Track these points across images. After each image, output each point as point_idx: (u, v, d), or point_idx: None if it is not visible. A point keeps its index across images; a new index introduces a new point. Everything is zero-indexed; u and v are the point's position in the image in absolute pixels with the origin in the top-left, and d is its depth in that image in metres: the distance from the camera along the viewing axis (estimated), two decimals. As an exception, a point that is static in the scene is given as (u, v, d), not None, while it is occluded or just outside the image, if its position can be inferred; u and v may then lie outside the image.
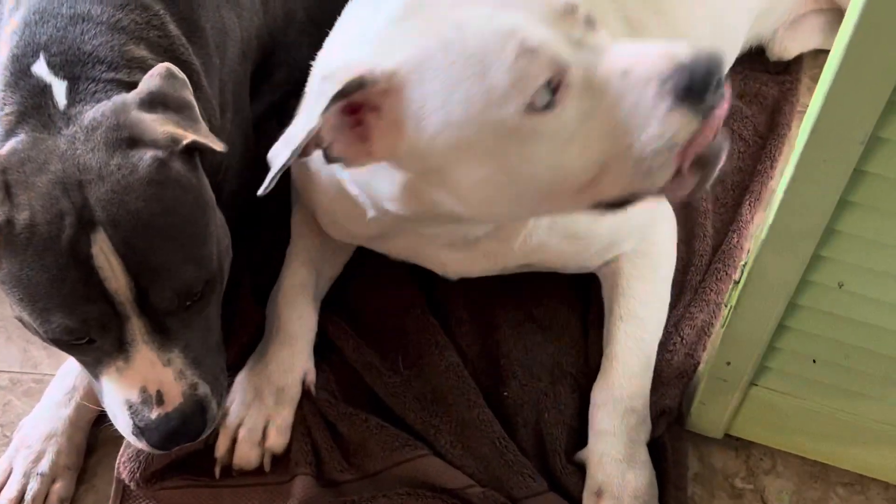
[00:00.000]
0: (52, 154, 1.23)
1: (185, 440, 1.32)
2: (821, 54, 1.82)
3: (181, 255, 1.25)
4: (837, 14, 1.80)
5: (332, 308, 1.59)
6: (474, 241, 1.40)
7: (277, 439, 1.46)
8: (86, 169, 1.22)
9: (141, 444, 1.32)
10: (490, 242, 1.40)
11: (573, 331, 1.59)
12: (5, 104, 1.30)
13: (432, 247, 1.43)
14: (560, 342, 1.57)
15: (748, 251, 1.44)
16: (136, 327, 1.25)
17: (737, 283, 1.28)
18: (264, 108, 1.61)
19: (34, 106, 1.28)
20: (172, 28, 1.39)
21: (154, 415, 1.28)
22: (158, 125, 1.25)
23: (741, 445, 1.52)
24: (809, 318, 1.25)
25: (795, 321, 1.26)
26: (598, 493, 1.39)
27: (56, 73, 1.30)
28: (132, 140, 1.24)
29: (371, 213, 1.29)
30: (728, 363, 1.36)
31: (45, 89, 1.29)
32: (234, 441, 1.46)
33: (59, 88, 1.29)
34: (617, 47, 1.11)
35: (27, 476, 1.46)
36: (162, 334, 1.27)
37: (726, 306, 1.33)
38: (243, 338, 1.56)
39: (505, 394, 1.52)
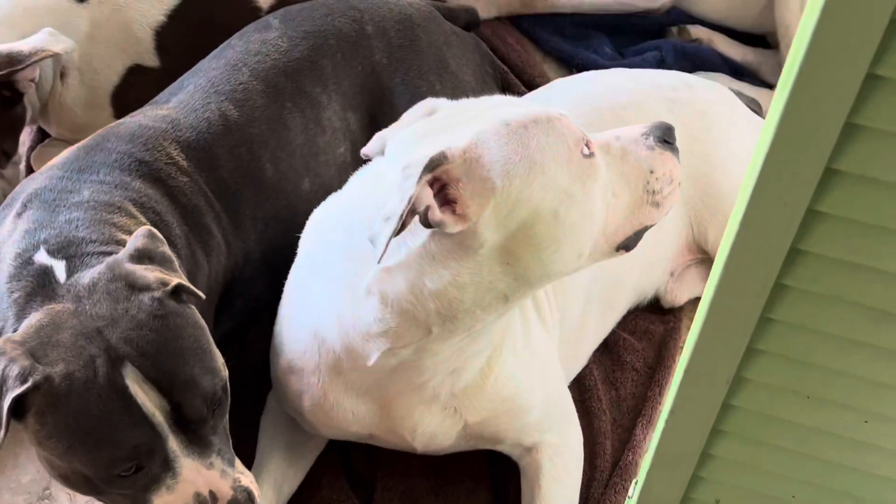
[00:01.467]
0: (63, 315, 1.31)
1: None
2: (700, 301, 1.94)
3: (199, 368, 1.33)
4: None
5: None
6: (453, 392, 1.46)
7: None
8: (99, 317, 1.30)
9: None
10: (466, 391, 1.47)
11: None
12: (12, 291, 1.38)
13: (410, 404, 1.47)
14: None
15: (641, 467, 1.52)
16: (176, 443, 1.31)
17: (630, 498, 1.36)
18: (222, 335, 1.70)
19: (39, 285, 1.37)
20: None
21: None
22: (149, 273, 1.35)
23: None
24: (692, 529, 1.32)
25: (680, 532, 1.33)
26: None
27: (54, 256, 1.40)
28: (129, 287, 1.33)
29: (375, 357, 1.36)
30: (624, 569, 1.42)
31: (47, 271, 1.38)
32: None
33: (59, 267, 1.39)
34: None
35: None
36: (198, 444, 1.33)
37: (622, 518, 1.40)
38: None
39: None
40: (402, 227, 1.20)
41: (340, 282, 1.38)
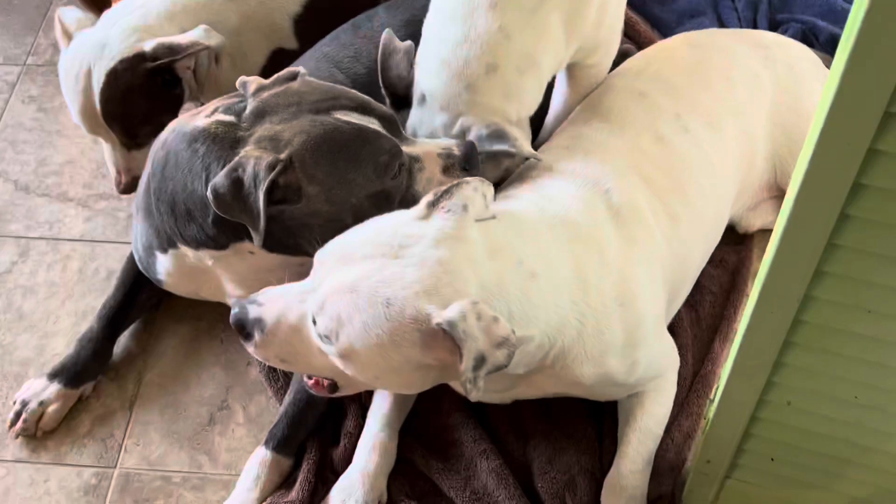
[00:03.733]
0: (267, 111, 1.47)
1: None
2: (768, 232, 1.87)
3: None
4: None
5: (404, 428, 1.64)
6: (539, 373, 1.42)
7: None
8: (288, 103, 1.46)
9: None
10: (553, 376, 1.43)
11: (590, 438, 1.64)
12: (206, 148, 1.45)
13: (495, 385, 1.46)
14: (580, 446, 1.62)
15: (719, 376, 1.51)
16: (399, 141, 1.48)
17: (711, 400, 1.35)
18: None
19: (223, 129, 1.46)
20: None
21: None
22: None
23: (720, 525, 1.56)
24: (767, 427, 1.30)
25: (756, 429, 1.31)
26: None
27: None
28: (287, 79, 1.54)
29: None
30: (708, 461, 1.41)
31: (222, 123, 1.47)
32: None
33: (227, 117, 1.48)
34: None
35: None
36: (406, 138, 1.53)
37: (705, 418, 1.39)
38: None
39: (539, 486, 1.58)
40: None
41: None
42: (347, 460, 1.60)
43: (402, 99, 1.59)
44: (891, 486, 1.33)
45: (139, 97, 1.82)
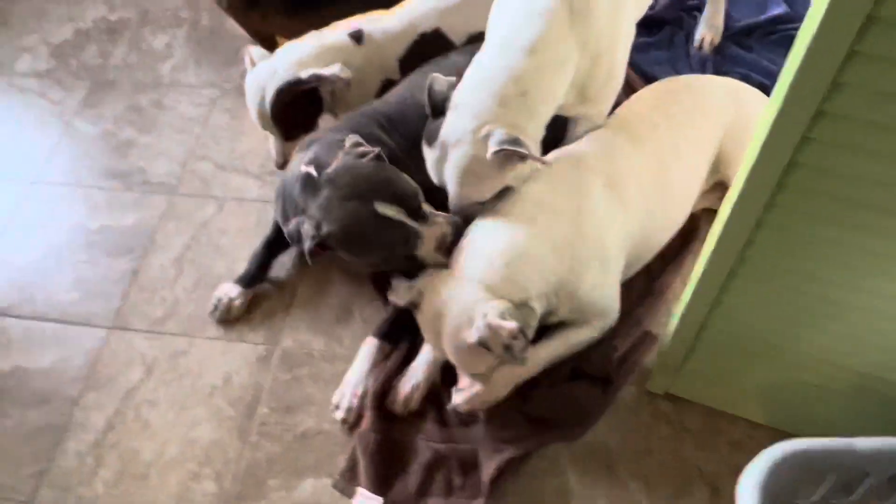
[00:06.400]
0: (328, 190, 1.42)
1: None
2: (712, 211, 1.79)
3: (404, 184, 1.45)
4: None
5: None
6: None
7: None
8: (347, 185, 1.41)
9: None
10: None
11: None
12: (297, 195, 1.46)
13: None
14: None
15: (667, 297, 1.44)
16: (416, 224, 1.42)
17: (675, 315, 1.26)
18: None
19: (307, 185, 1.43)
20: None
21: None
22: (354, 149, 1.47)
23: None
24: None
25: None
26: None
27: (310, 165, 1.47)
28: (357, 157, 1.46)
29: None
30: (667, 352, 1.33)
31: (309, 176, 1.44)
32: None
33: (314, 173, 1.44)
34: None
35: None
36: (422, 219, 1.43)
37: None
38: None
39: None
40: None
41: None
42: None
43: (439, 111, 1.46)
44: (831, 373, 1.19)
45: (294, 107, 1.82)
